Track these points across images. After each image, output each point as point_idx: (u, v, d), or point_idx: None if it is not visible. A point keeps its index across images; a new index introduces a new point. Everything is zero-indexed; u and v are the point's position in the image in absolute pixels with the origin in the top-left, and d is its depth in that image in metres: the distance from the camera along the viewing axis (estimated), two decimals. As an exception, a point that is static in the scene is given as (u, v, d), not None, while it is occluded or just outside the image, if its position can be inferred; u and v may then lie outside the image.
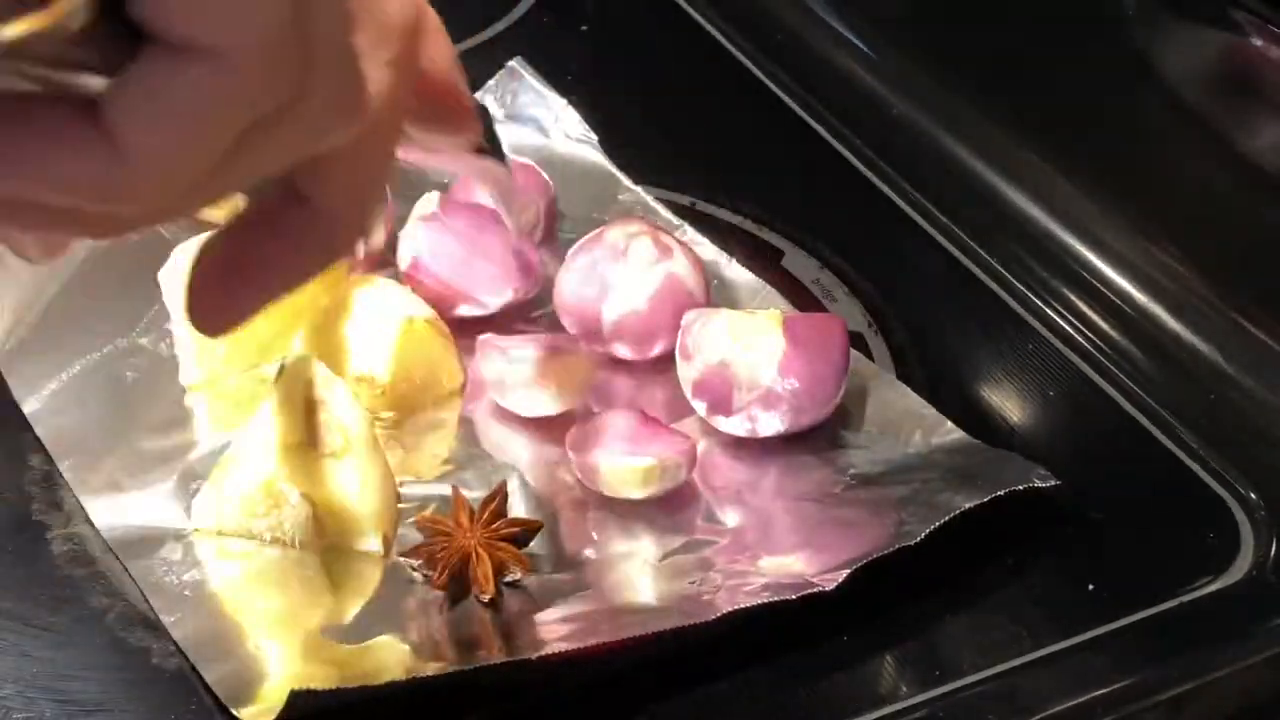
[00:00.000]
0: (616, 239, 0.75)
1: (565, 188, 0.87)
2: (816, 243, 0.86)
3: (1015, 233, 0.87)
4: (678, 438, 0.70)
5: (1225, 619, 0.66)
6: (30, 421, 0.71)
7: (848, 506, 0.69)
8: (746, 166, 0.94)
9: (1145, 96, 0.85)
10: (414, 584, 0.65)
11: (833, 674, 0.63)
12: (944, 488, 0.68)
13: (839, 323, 0.73)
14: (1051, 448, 0.74)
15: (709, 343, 0.72)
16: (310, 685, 0.57)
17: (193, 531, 0.67)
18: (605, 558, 0.67)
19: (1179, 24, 0.84)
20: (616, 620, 0.63)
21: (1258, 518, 0.70)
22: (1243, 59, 0.80)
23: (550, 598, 0.65)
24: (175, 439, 0.71)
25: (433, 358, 0.74)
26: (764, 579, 0.64)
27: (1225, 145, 0.81)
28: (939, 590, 0.66)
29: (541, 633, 0.63)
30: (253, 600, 0.66)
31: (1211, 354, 0.78)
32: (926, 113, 0.95)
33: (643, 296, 0.74)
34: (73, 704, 0.60)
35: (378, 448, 0.68)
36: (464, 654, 0.62)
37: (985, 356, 0.81)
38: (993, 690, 0.62)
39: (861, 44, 1.02)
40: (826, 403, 0.72)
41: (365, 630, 0.63)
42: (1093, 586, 0.67)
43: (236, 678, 0.60)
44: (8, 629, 0.63)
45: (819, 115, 0.97)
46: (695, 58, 1.05)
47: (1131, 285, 0.82)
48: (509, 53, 0.96)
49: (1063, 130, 0.89)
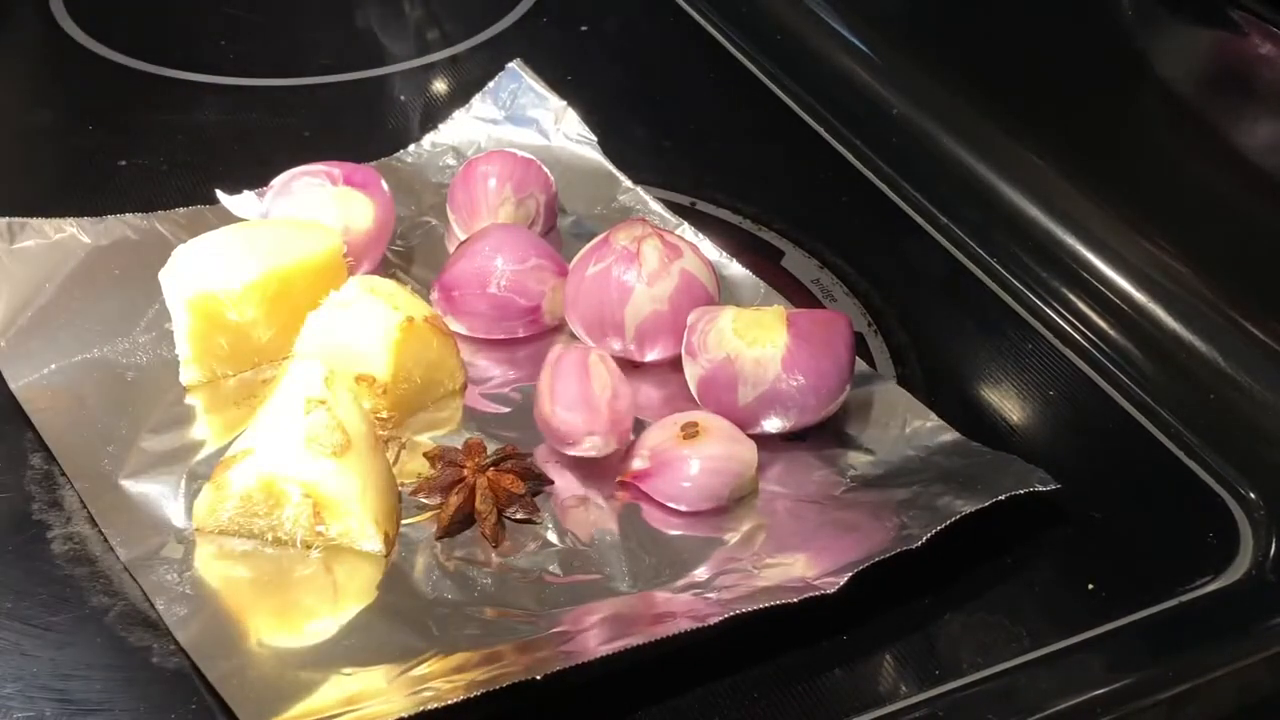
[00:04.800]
0: (624, 242, 0.75)
1: (565, 188, 0.87)
2: (816, 243, 0.86)
3: (1015, 233, 0.87)
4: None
5: (1225, 619, 0.66)
6: (31, 420, 0.72)
7: (848, 509, 0.69)
8: (746, 166, 0.94)
9: (1145, 96, 0.85)
10: (413, 584, 0.65)
11: (833, 674, 0.63)
12: (945, 491, 0.68)
13: (843, 319, 0.73)
14: (1051, 448, 0.74)
15: (714, 340, 0.72)
16: (311, 697, 0.58)
17: (193, 531, 0.67)
18: (605, 558, 0.67)
19: (1178, 24, 0.84)
20: (618, 625, 0.63)
21: (1257, 517, 0.70)
22: (1241, 59, 0.80)
23: (551, 598, 0.65)
24: (175, 439, 0.72)
25: (432, 358, 0.74)
26: (765, 582, 0.65)
27: (1225, 145, 0.81)
28: (939, 590, 0.66)
29: (541, 640, 0.62)
30: (253, 600, 0.66)
31: (1211, 354, 0.78)
32: (926, 113, 0.95)
33: (664, 296, 0.74)
34: (73, 704, 0.60)
35: (378, 448, 0.68)
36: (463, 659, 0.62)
37: (985, 356, 0.81)
38: (992, 690, 0.62)
39: (861, 44, 1.02)
40: (832, 399, 0.72)
41: (365, 630, 0.63)
42: (1092, 586, 0.67)
43: (237, 676, 0.60)
44: (8, 629, 0.63)
45: (819, 115, 0.98)
46: (695, 58, 1.05)
47: (1131, 285, 0.82)
48: (509, 53, 0.96)
49: (1062, 130, 0.89)
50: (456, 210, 0.84)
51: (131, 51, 1.01)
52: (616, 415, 0.70)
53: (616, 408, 0.70)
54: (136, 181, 0.89)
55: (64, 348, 0.75)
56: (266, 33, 1.05)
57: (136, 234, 0.82)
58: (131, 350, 0.76)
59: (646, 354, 0.76)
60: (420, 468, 0.71)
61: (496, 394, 0.75)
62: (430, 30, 1.07)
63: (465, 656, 0.61)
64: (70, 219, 0.81)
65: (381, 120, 0.96)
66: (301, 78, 1.00)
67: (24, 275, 0.78)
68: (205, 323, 0.73)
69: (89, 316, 0.77)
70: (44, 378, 0.74)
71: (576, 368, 0.70)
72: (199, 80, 0.99)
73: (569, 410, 0.69)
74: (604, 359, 0.71)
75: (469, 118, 0.92)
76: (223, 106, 0.97)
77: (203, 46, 1.03)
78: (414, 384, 0.73)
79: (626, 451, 0.71)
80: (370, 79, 1.01)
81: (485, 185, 0.83)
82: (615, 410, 0.70)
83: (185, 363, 0.74)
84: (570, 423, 0.69)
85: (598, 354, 0.71)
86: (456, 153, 0.90)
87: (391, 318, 0.72)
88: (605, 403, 0.69)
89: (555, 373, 0.70)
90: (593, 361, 0.70)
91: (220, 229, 0.77)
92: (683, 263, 0.75)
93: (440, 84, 1.01)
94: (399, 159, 0.90)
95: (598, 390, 0.69)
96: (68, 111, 0.97)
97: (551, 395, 0.69)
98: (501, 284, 0.77)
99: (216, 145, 0.93)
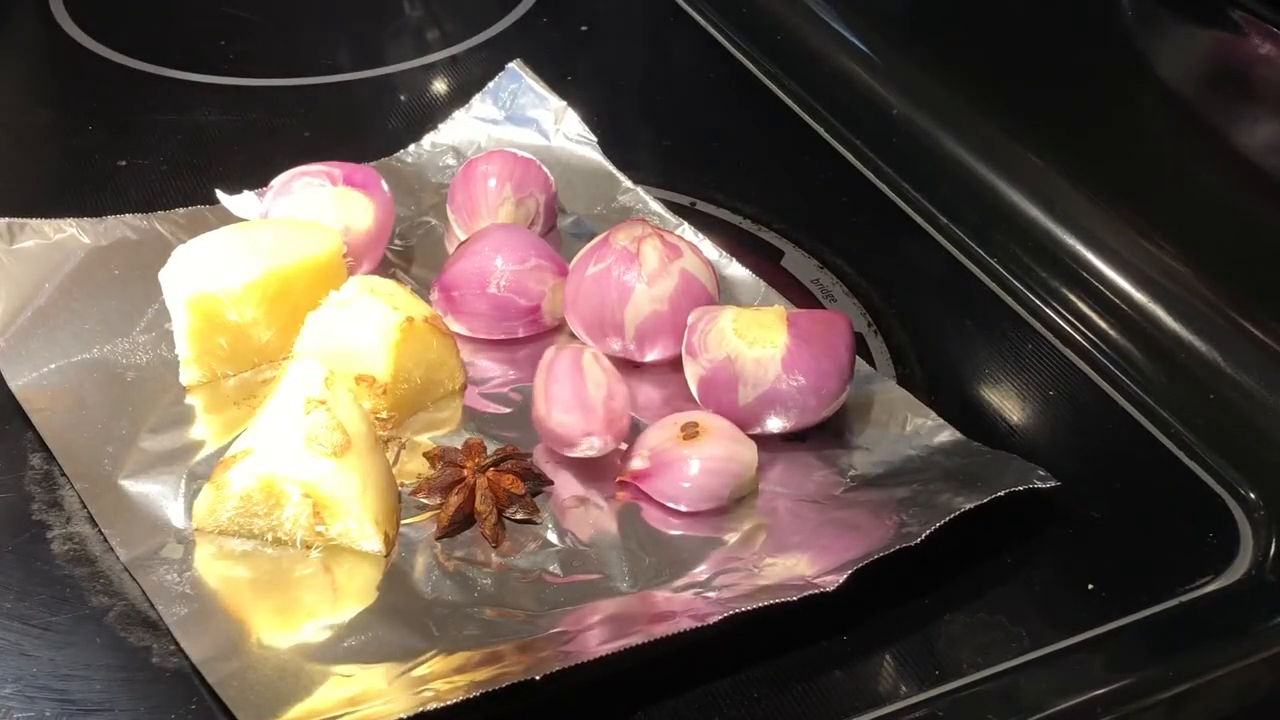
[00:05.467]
0: (624, 243, 0.75)
1: (565, 188, 0.87)
2: (816, 243, 0.86)
3: (1015, 233, 0.87)
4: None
5: (1224, 619, 0.66)
6: (31, 420, 0.72)
7: (849, 508, 0.69)
8: (746, 166, 0.94)
9: (1145, 97, 0.85)
10: (413, 584, 0.65)
11: (833, 674, 0.63)
12: (944, 489, 0.68)
13: (843, 319, 0.73)
14: (1051, 448, 0.74)
15: (715, 340, 0.72)
16: (311, 698, 0.58)
17: (193, 531, 0.67)
18: (605, 558, 0.67)
19: (1178, 24, 0.84)
20: (618, 625, 0.63)
21: (1257, 517, 0.70)
22: (1241, 59, 0.80)
23: (551, 598, 0.65)
24: (175, 439, 0.72)
25: (432, 358, 0.74)
26: (765, 581, 0.65)
27: (1225, 145, 0.81)
28: (939, 590, 0.66)
29: (541, 641, 0.62)
30: (253, 600, 0.65)
31: (1211, 354, 0.78)
32: (926, 113, 0.95)
33: (664, 297, 0.75)
34: (73, 704, 0.60)
35: (378, 448, 0.68)
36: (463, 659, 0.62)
37: (985, 356, 0.81)
38: (992, 690, 0.62)
39: (861, 44, 1.02)
40: (832, 399, 0.72)
41: (365, 630, 0.63)
42: (1092, 586, 0.67)
43: (238, 677, 0.60)
44: (8, 629, 0.63)
45: (819, 115, 0.98)
46: (695, 58, 1.05)
47: (1131, 285, 0.82)
48: (509, 53, 0.96)
49: (1062, 130, 0.89)
50: (456, 210, 0.84)
51: (131, 51, 1.01)
52: (612, 414, 0.70)
53: (612, 406, 0.70)
54: (136, 181, 0.89)
55: (64, 347, 0.75)
56: (266, 33, 1.06)
57: (136, 234, 0.82)
58: (131, 350, 0.76)
59: (646, 354, 0.76)
60: (420, 468, 0.71)
61: (496, 394, 0.75)
62: (430, 30, 1.07)
63: (465, 657, 0.61)
64: (70, 219, 0.81)
65: (381, 120, 0.96)
66: (301, 78, 1.00)
67: (24, 275, 0.78)
68: (205, 323, 0.73)
69: (89, 316, 0.77)
70: (44, 377, 0.74)
71: (570, 369, 0.70)
72: (199, 80, 0.99)
73: (565, 412, 0.69)
74: (598, 358, 0.71)
75: (469, 118, 0.92)
76: (223, 106, 0.97)
77: (203, 46, 1.03)
78: (414, 384, 0.73)
79: (626, 451, 0.71)
80: (370, 79, 1.01)
81: (485, 185, 0.83)
82: (611, 409, 0.70)
83: (185, 363, 0.74)
84: (567, 425, 0.69)
85: (591, 353, 0.71)
86: (456, 153, 0.90)
87: (391, 318, 0.72)
88: (600, 402, 0.69)
89: (549, 376, 0.70)
90: (586, 361, 0.70)
91: (220, 229, 0.77)
92: (683, 263, 0.75)
93: (440, 84, 1.01)
94: (399, 159, 0.90)
95: (592, 390, 0.69)
96: (68, 111, 0.97)
97: (546, 398, 0.69)
98: (501, 284, 0.77)
99: (216, 145, 0.93)
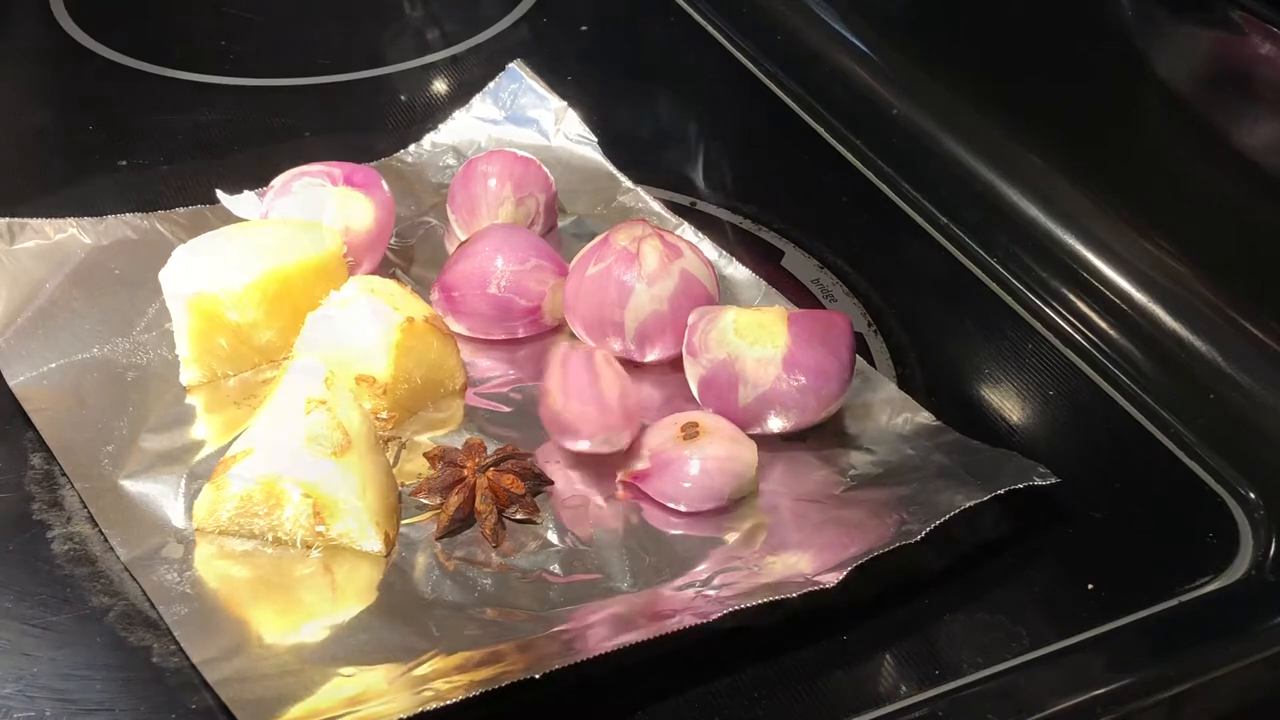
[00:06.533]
0: (624, 243, 0.75)
1: (565, 188, 0.87)
2: (816, 243, 0.86)
3: (1015, 233, 0.87)
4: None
5: (1224, 618, 0.66)
6: (31, 420, 0.72)
7: (849, 507, 0.69)
8: (746, 166, 0.94)
9: (1145, 97, 0.85)
10: (414, 584, 0.65)
11: (833, 674, 0.63)
12: (944, 487, 0.68)
13: (844, 319, 0.73)
14: (1051, 448, 0.74)
15: (715, 340, 0.72)
16: (311, 698, 0.58)
17: (193, 531, 0.67)
18: (605, 558, 0.67)
19: (1178, 24, 0.84)
20: (619, 624, 0.63)
21: (1257, 517, 0.70)
22: (1241, 59, 0.80)
23: (551, 598, 0.65)
24: (175, 439, 0.72)
25: (433, 358, 0.74)
26: (766, 578, 0.65)
27: (1225, 145, 0.81)
28: (939, 590, 0.66)
29: (541, 640, 0.62)
30: (253, 600, 0.66)
31: (1211, 354, 0.78)
32: (926, 113, 0.95)
33: (664, 297, 0.75)
34: (73, 704, 0.60)
35: (378, 448, 0.68)
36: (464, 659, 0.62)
37: (985, 356, 0.81)
38: (992, 690, 0.62)
39: (861, 44, 1.02)
40: (832, 399, 0.72)
41: (365, 630, 0.63)
42: (1092, 586, 0.67)
43: (238, 677, 0.60)
44: (8, 629, 0.63)
45: (819, 115, 0.98)
46: (695, 58, 1.05)
47: (1131, 285, 0.82)
48: (509, 53, 0.96)
49: (1062, 130, 0.89)
50: (456, 210, 0.84)
51: (131, 51, 1.01)
52: (629, 412, 0.70)
53: (627, 405, 0.70)
54: (136, 181, 0.89)
55: (64, 347, 0.75)
56: (266, 33, 1.05)
57: (136, 234, 0.82)
58: (131, 350, 0.76)
59: (646, 354, 0.76)
60: (420, 468, 0.71)
61: (496, 394, 0.75)
62: (430, 30, 1.07)
63: (466, 656, 0.61)
64: (70, 219, 0.81)
65: (381, 120, 0.96)
66: (301, 78, 1.00)
67: (24, 275, 0.78)
68: (205, 323, 0.73)
69: (89, 316, 0.77)
70: (44, 377, 0.74)
71: (584, 365, 0.70)
72: (199, 80, 0.99)
73: (583, 403, 0.69)
74: (609, 360, 0.71)
75: (469, 118, 0.92)
76: (223, 106, 0.97)
77: (203, 46, 1.03)
78: (414, 384, 0.73)
79: (627, 452, 0.71)
80: (370, 79, 1.01)
81: (485, 185, 0.83)
82: (626, 407, 0.70)
83: (185, 363, 0.74)
84: (584, 415, 0.69)
85: (602, 354, 0.71)
86: (456, 153, 0.90)
87: (391, 318, 0.72)
88: (616, 399, 0.69)
89: (565, 369, 0.70)
90: (599, 361, 0.70)
91: (220, 229, 0.77)
92: (682, 263, 0.75)
93: (440, 84, 1.01)
94: (399, 159, 0.90)
95: (607, 388, 0.69)
96: (68, 111, 0.97)
97: (564, 390, 0.69)
98: (501, 284, 0.77)
99: (216, 145, 0.93)
